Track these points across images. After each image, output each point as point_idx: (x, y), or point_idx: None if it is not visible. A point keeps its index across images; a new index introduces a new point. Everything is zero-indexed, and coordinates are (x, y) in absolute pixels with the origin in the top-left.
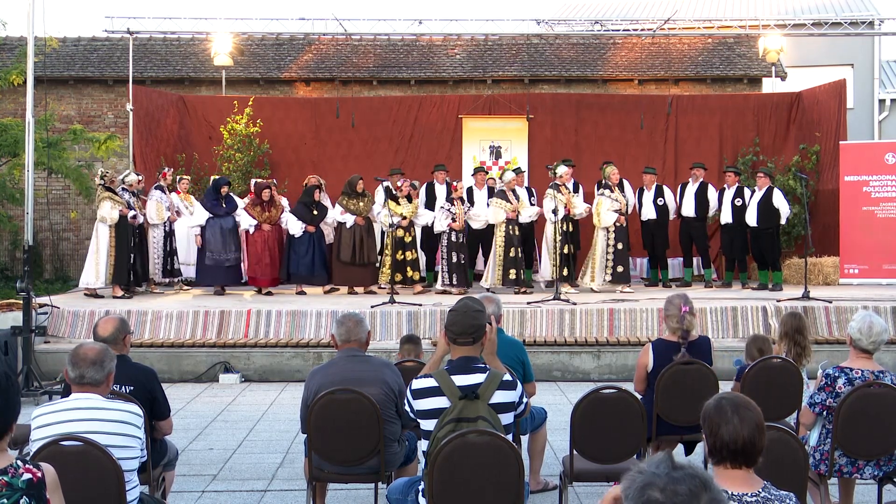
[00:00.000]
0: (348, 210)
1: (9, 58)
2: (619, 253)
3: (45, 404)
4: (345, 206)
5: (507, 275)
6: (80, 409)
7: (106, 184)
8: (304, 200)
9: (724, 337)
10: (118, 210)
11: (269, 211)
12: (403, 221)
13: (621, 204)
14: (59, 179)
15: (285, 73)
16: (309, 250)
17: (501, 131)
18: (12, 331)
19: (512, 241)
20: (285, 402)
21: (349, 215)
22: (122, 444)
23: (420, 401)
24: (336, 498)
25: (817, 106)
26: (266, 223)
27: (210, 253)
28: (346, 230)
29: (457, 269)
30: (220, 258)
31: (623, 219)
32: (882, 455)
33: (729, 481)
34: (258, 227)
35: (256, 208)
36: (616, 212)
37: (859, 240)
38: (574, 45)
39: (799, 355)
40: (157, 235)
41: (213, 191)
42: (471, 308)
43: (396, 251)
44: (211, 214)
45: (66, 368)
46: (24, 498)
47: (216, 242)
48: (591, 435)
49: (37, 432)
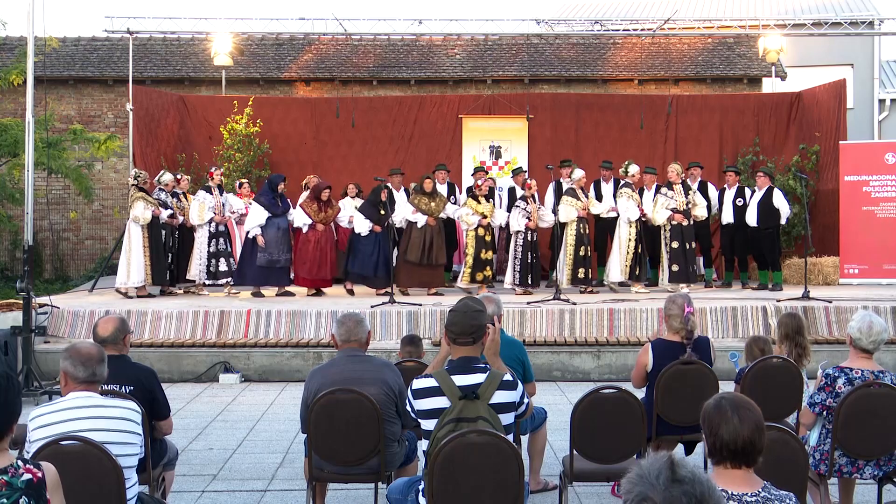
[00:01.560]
0: (420, 209)
1: (9, 58)
2: (675, 252)
3: (45, 405)
4: (416, 205)
5: (577, 274)
6: (81, 407)
7: (139, 184)
8: (372, 200)
9: (724, 337)
10: (150, 211)
11: (325, 211)
12: (484, 220)
13: (679, 202)
14: (59, 179)
15: (285, 73)
16: (374, 251)
17: (501, 131)
18: (12, 331)
19: (583, 239)
20: (285, 402)
21: (420, 215)
22: (123, 440)
23: (420, 401)
24: (336, 498)
25: (817, 106)
26: (321, 223)
27: (263, 253)
28: (417, 230)
29: (530, 269)
30: (274, 258)
31: (681, 217)
32: (882, 455)
33: (729, 481)
34: (312, 226)
35: (313, 207)
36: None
37: (859, 240)
38: (574, 45)
39: (800, 356)
40: (200, 236)
41: (270, 189)
42: (471, 308)
43: (479, 250)
44: (269, 214)
45: (67, 369)
46: (23, 498)
47: (271, 242)
48: (591, 435)
49: (37, 432)
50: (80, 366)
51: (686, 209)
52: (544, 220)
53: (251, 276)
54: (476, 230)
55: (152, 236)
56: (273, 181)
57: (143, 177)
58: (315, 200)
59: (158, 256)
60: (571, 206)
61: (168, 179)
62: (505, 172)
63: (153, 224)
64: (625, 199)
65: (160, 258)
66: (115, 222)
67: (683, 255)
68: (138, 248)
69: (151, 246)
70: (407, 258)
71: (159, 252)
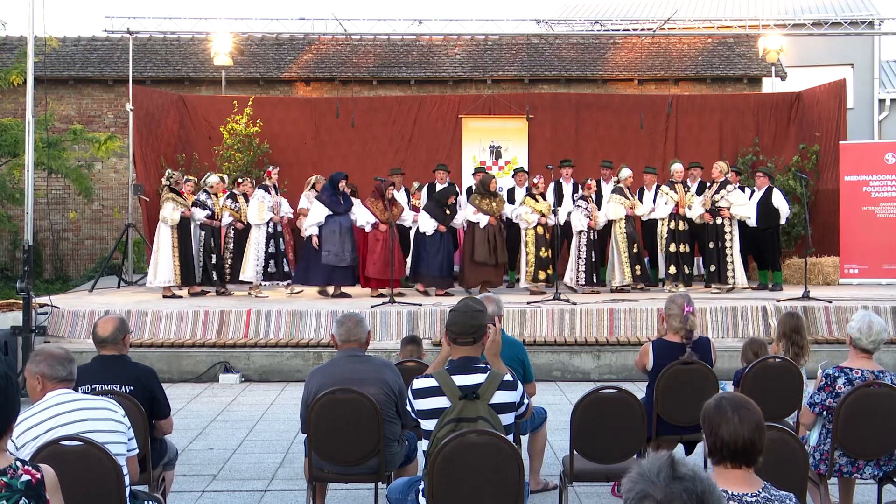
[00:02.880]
0: (482, 210)
1: (9, 58)
2: (672, 253)
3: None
4: (478, 205)
5: (635, 271)
6: (65, 402)
7: (171, 185)
8: (438, 199)
9: (724, 337)
10: (179, 212)
11: (391, 209)
12: (542, 219)
13: (706, 200)
14: (59, 179)
15: (285, 73)
16: (440, 251)
17: (501, 131)
18: (12, 331)
19: (633, 237)
20: (285, 402)
21: (482, 215)
22: (111, 429)
23: (420, 400)
24: (336, 498)
25: (817, 106)
26: (386, 222)
27: (326, 252)
28: (480, 230)
29: (594, 268)
30: (338, 258)
31: (708, 216)
32: (882, 455)
33: (729, 481)
34: (376, 225)
35: (379, 206)
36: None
37: (859, 240)
38: (574, 45)
39: (797, 355)
40: (257, 236)
41: (332, 187)
42: (471, 308)
43: (539, 248)
44: (330, 212)
45: (44, 371)
46: (23, 499)
47: (333, 241)
48: (591, 435)
49: (25, 436)
50: (58, 365)
51: (714, 208)
52: (598, 220)
53: (315, 274)
54: (535, 229)
55: (182, 237)
56: (334, 179)
57: (175, 177)
58: (380, 199)
59: (187, 257)
60: (620, 204)
61: (214, 181)
62: (505, 172)
63: (184, 224)
64: (662, 196)
65: (189, 259)
66: (115, 222)
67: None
68: (167, 248)
69: (180, 246)
70: (475, 258)
71: (188, 253)
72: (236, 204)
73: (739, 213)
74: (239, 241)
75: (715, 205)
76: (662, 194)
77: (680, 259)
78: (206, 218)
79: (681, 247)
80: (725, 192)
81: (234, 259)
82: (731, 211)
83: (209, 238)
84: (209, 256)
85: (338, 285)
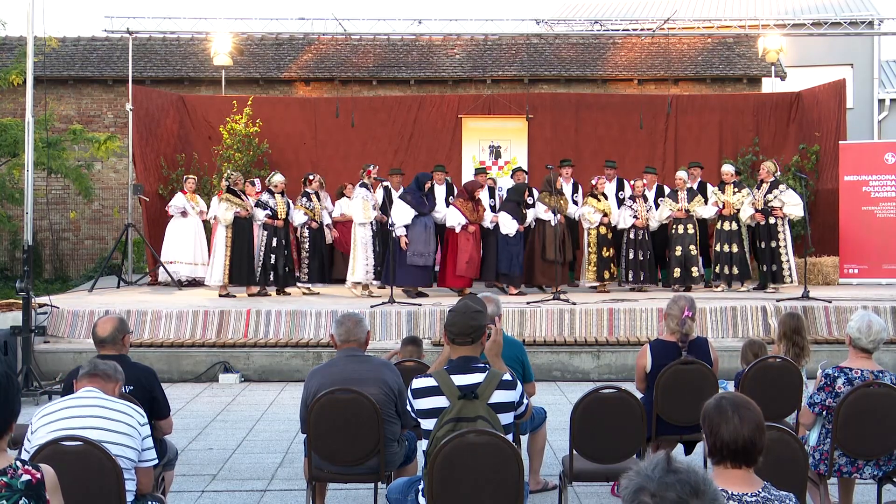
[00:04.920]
0: (551, 207)
1: (8, 58)
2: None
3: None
4: (547, 203)
5: (690, 273)
6: (85, 399)
7: (230, 185)
8: (515, 199)
9: (724, 337)
10: (233, 211)
11: (478, 210)
12: (605, 219)
13: (757, 199)
14: (58, 179)
15: (285, 72)
16: (517, 251)
17: (501, 131)
18: (12, 331)
19: (684, 238)
20: (285, 402)
21: (552, 213)
22: (124, 432)
23: (420, 400)
24: (336, 498)
25: (817, 106)
26: (475, 223)
27: (412, 253)
28: (550, 228)
29: (642, 267)
30: (423, 258)
31: (760, 216)
32: (881, 455)
33: (729, 481)
34: (465, 226)
35: (468, 206)
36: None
37: (859, 240)
38: (574, 45)
39: (797, 355)
40: (364, 235)
41: (417, 187)
42: (470, 308)
43: (601, 248)
44: (416, 213)
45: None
46: (23, 499)
47: (419, 242)
48: (591, 435)
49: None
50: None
51: (765, 208)
52: (652, 220)
53: (400, 275)
54: (597, 228)
55: (236, 236)
56: (420, 179)
57: (233, 178)
58: (469, 199)
59: (241, 257)
60: (668, 206)
61: (278, 181)
62: (504, 172)
63: (237, 224)
64: (712, 199)
65: (242, 259)
66: (114, 222)
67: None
68: (221, 247)
69: (233, 246)
70: (545, 257)
71: (241, 252)
72: (311, 203)
73: (792, 213)
74: (314, 241)
75: (767, 205)
76: (713, 196)
77: (732, 259)
78: (266, 218)
79: (732, 247)
80: (778, 191)
81: (310, 259)
82: (783, 210)
83: (271, 238)
84: (269, 256)
85: (420, 286)
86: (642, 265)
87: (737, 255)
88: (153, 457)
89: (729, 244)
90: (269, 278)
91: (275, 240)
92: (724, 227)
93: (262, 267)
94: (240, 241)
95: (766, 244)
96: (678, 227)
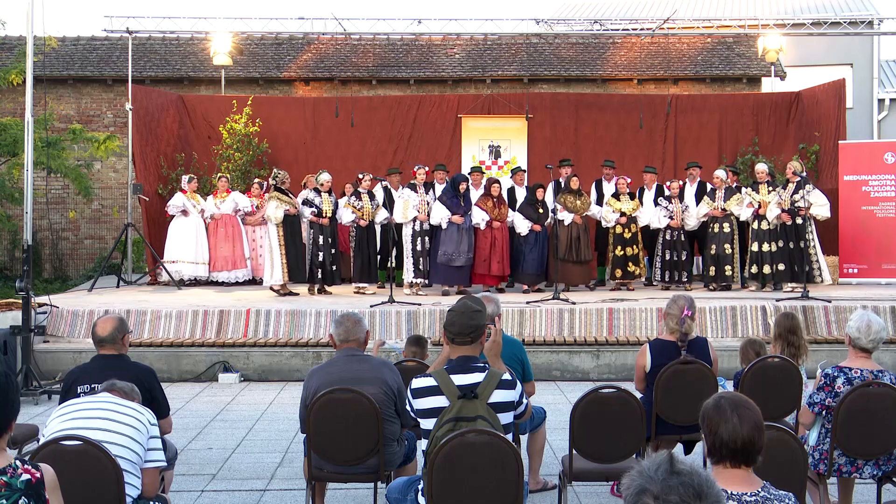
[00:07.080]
0: (566, 208)
1: (8, 57)
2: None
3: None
4: (563, 203)
5: (723, 271)
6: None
7: (278, 184)
8: (530, 199)
9: (724, 337)
10: (283, 210)
11: (499, 208)
12: (622, 219)
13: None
14: (58, 179)
15: (285, 72)
16: (534, 249)
17: (501, 131)
18: (11, 330)
19: (720, 238)
20: (284, 402)
21: (567, 213)
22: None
23: (419, 400)
24: (335, 498)
25: (816, 105)
26: (497, 220)
27: (442, 253)
28: (563, 228)
29: (676, 267)
30: (452, 258)
31: (787, 216)
32: (881, 455)
33: (728, 481)
34: (489, 223)
35: (489, 204)
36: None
37: (858, 239)
38: (573, 45)
39: (793, 355)
40: (405, 235)
41: (452, 188)
42: (469, 308)
43: (616, 247)
44: (450, 213)
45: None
46: (23, 498)
47: (452, 242)
48: (591, 434)
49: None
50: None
51: (792, 208)
52: (688, 220)
53: (434, 275)
54: (614, 228)
55: (288, 234)
56: (456, 180)
57: (281, 176)
58: (489, 198)
59: (296, 254)
60: (706, 205)
61: (325, 179)
62: (504, 172)
63: (287, 222)
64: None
65: (298, 256)
66: (114, 222)
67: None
68: (275, 246)
69: (287, 244)
70: (558, 256)
71: (297, 250)
72: (360, 202)
73: (819, 214)
74: (360, 240)
75: (794, 205)
76: (747, 196)
77: (772, 258)
78: (311, 216)
79: (771, 246)
80: (805, 191)
81: (354, 257)
82: (811, 211)
83: (317, 236)
84: (316, 254)
85: (456, 285)
86: (677, 265)
87: (777, 253)
88: (160, 458)
89: (769, 243)
90: (317, 276)
91: (321, 238)
92: (763, 227)
93: (310, 265)
94: (293, 238)
95: (795, 244)
96: (714, 225)
